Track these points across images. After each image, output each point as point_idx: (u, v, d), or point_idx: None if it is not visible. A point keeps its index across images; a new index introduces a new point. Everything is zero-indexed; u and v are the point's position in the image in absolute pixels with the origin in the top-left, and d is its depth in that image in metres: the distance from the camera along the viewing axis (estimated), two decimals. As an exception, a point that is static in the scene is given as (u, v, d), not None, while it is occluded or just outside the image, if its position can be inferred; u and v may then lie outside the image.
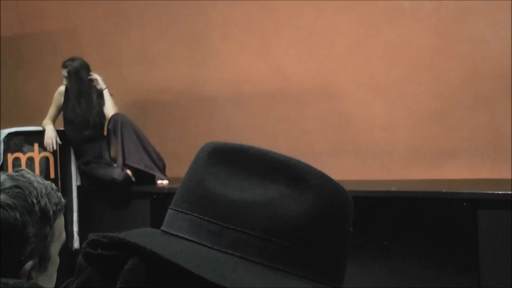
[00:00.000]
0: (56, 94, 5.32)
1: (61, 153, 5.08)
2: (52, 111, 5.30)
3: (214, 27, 5.82)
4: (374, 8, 5.13)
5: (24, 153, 5.04)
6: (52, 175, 4.97)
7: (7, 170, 4.69)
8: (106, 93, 5.19)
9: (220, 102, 5.79)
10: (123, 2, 6.19)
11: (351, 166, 5.16)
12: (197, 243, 0.70)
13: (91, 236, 0.74)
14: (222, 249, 0.69)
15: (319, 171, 0.74)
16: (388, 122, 5.09)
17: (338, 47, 5.29)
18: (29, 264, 1.29)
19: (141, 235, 0.73)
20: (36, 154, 5.03)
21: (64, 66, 5.20)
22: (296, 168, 0.73)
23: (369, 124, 5.17)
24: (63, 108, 5.26)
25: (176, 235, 0.72)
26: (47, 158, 5.03)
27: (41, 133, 5.12)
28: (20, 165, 4.92)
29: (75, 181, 5.06)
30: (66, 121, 5.24)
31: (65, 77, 5.20)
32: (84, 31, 6.45)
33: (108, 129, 5.14)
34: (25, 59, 6.80)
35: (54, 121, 5.29)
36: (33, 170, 4.76)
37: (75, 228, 4.97)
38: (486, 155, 4.73)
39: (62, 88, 5.30)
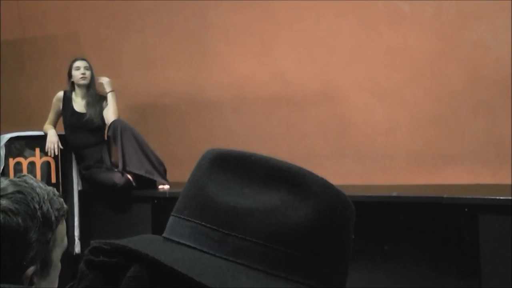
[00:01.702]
0: (54, 100, 5.29)
1: (63, 158, 5.08)
2: (51, 116, 5.29)
3: (215, 31, 5.83)
4: (375, 12, 5.13)
5: (25, 157, 5.05)
6: (53, 180, 4.97)
7: (8, 175, 4.71)
8: (110, 97, 5.16)
9: (221, 106, 5.79)
10: (124, 6, 6.20)
11: (352, 170, 5.16)
12: (199, 250, 0.70)
13: (93, 243, 0.74)
14: (224, 256, 0.69)
15: (321, 178, 0.74)
16: (389, 126, 5.09)
17: (338, 51, 5.29)
18: (31, 269, 1.29)
19: (143, 242, 0.74)
20: (38, 158, 5.03)
21: (82, 58, 5.20)
22: (297, 175, 0.73)
23: (370, 128, 5.17)
24: (63, 114, 5.24)
25: (178, 242, 0.72)
26: (48, 163, 5.03)
27: (43, 138, 5.12)
28: (21, 170, 4.93)
29: (76, 186, 5.06)
30: (67, 126, 5.23)
31: (85, 67, 5.15)
32: (85, 35, 6.46)
33: (108, 136, 5.13)
34: (27, 62, 6.81)
35: (54, 126, 5.29)
36: (34, 174, 4.76)
37: (76, 232, 4.97)
38: (487, 160, 4.73)
39: (60, 94, 5.28)
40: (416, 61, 4.99)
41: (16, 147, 5.08)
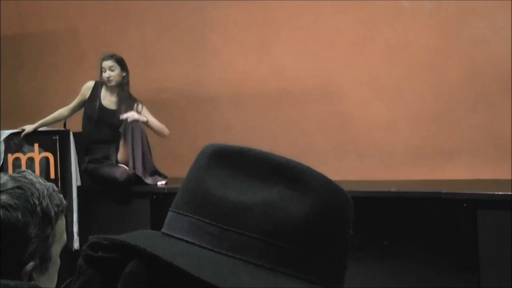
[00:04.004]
0: (83, 88, 5.18)
1: (62, 154, 5.06)
2: (74, 103, 5.19)
3: (214, 27, 5.82)
4: (374, 8, 5.13)
5: (24, 153, 5.03)
6: (52, 176, 4.95)
7: (7, 170, 4.70)
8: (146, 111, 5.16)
9: (220, 102, 5.79)
10: (123, 2, 6.19)
11: (351, 166, 5.16)
12: (197, 245, 0.70)
13: (92, 238, 0.74)
14: (222, 251, 0.69)
15: (319, 173, 0.74)
16: (388, 122, 5.10)
17: (338, 47, 5.29)
18: (30, 265, 1.29)
19: (142, 237, 0.74)
20: (36, 154, 5.02)
21: (109, 57, 5.08)
22: (296, 170, 0.73)
23: (369, 124, 5.17)
24: (87, 104, 5.16)
25: (177, 237, 0.72)
26: (47, 159, 5.01)
27: (42, 133, 5.11)
28: (20, 165, 4.91)
29: (75, 182, 5.04)
30: (89, 118, 5.16)
31: (110, 67, 5.03)
32: (84, 31, 6.45)
33: (119, 132, 5.08)
34: (25, 59, 6.80)
35: (70, 114, 5.22)
36: (33, 170, 4.76)
37: (75, 228, 4.95)
38: (486, 155, 4.74)
39: (91, 83, 5.16)
40: (415, 57, 4.99)
41: (14, 142, 5.07)
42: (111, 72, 5.05)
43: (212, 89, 5.81)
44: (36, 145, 5.04)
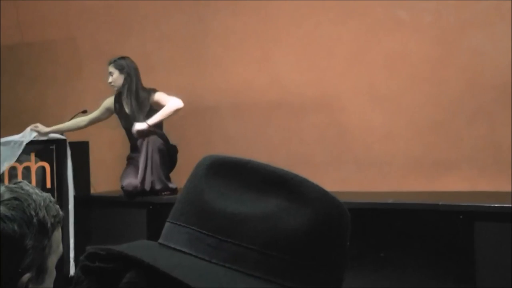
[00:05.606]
0: (106, 102, 5.21)
1: (58, 163, 5.04)
2: (94, 115, 5.21)
3: (214, 36, 5.83)
4: (374, 18, 5.14)
5: (20, 162, 5.01)
6: (48, 185, 4.92)
7: (3, 179, 4.68)
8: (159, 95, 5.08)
9: (220, 111, 5.79)
10: (123, 11, 6.21)
11: (350, 176, 5.16)
12: (195, 256, 0.70)
13: (89, 248, 0.73)
14: (220, 263, 0.69)
15: (317, 185, 0.74)
16: (387, 132, 5.10)
17: (337, 57, 5.30)
18: (26, 276, 1.29)
19: (139, 248, 0.73)
20: (33, 163, 4.99)
21: (111, 62, 5.06)
22: (294, 182, 0.73)
23: (368, 135, 5.17)
24: (118, 116, 5.17)
25: (174, 248, 0.72)
26: (43, 168, 4.98)
27: (38, 143, 5.09)
28: (16, 175, 4.88)
29: (71, 191, 5.01)
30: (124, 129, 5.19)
31: (110, 73, 5.01)
32: (84, 41, 6.46)
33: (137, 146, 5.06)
34: (25, 68, 6.81)
35: (87, 125, 5.21)
36: (29, 179, 4.74)
37: (71, 254, 4.86)
38: (486, 166, 4.74)
39: (112, 97, 5.18)
40: (414, 68, 5.00)
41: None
42: (111, 77, 5.07)
43: (211, 99, 5.81)
44: (32, 154, 5.01)
